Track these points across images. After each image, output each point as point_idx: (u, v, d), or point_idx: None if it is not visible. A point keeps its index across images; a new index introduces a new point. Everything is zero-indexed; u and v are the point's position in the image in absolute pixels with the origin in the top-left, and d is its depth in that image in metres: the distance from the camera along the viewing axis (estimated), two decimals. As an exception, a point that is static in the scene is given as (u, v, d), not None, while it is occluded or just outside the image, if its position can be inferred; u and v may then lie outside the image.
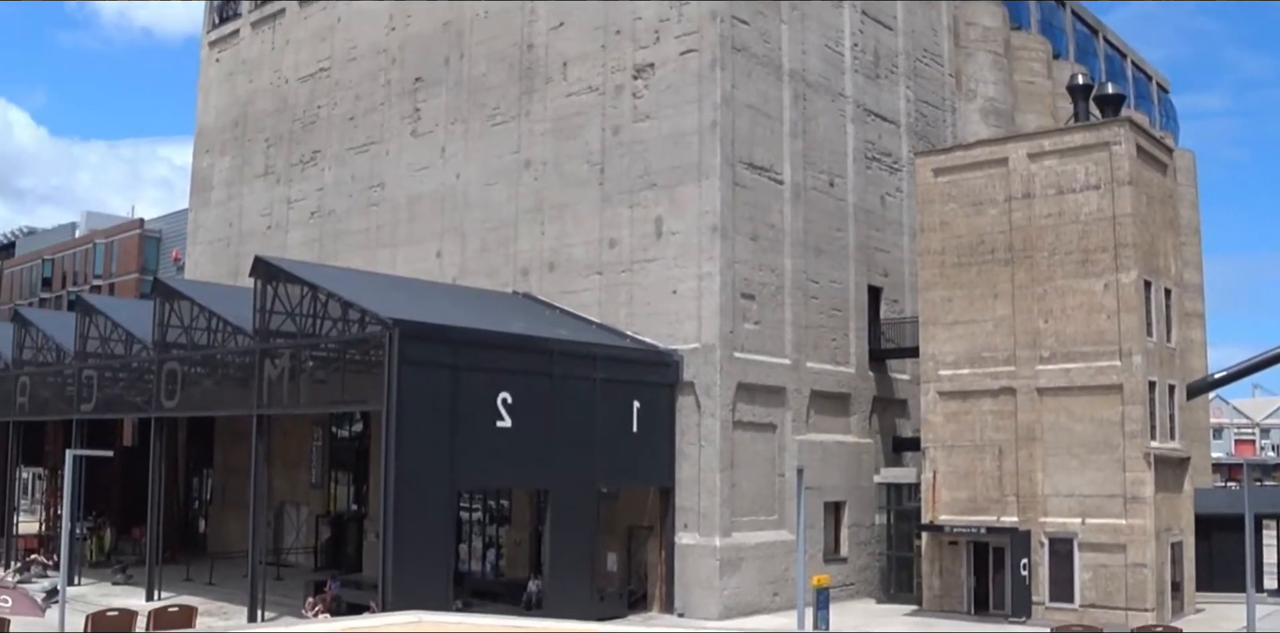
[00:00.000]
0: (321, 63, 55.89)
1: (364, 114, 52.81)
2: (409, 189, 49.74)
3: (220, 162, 61.35)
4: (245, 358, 37.48)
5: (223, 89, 62.38)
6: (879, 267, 47.17)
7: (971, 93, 54.62)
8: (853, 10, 47.42)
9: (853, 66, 46.96)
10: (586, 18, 44.51)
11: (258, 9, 61.04)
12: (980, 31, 55.40)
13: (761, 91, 42.11)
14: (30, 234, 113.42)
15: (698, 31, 41.07)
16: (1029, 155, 40.65)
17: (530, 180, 44.90)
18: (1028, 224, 40.23)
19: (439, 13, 50.30)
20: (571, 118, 44.05)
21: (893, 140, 48.91)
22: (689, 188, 40.04)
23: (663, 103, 41.41)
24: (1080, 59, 67.68)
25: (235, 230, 59.08)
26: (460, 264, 46.92)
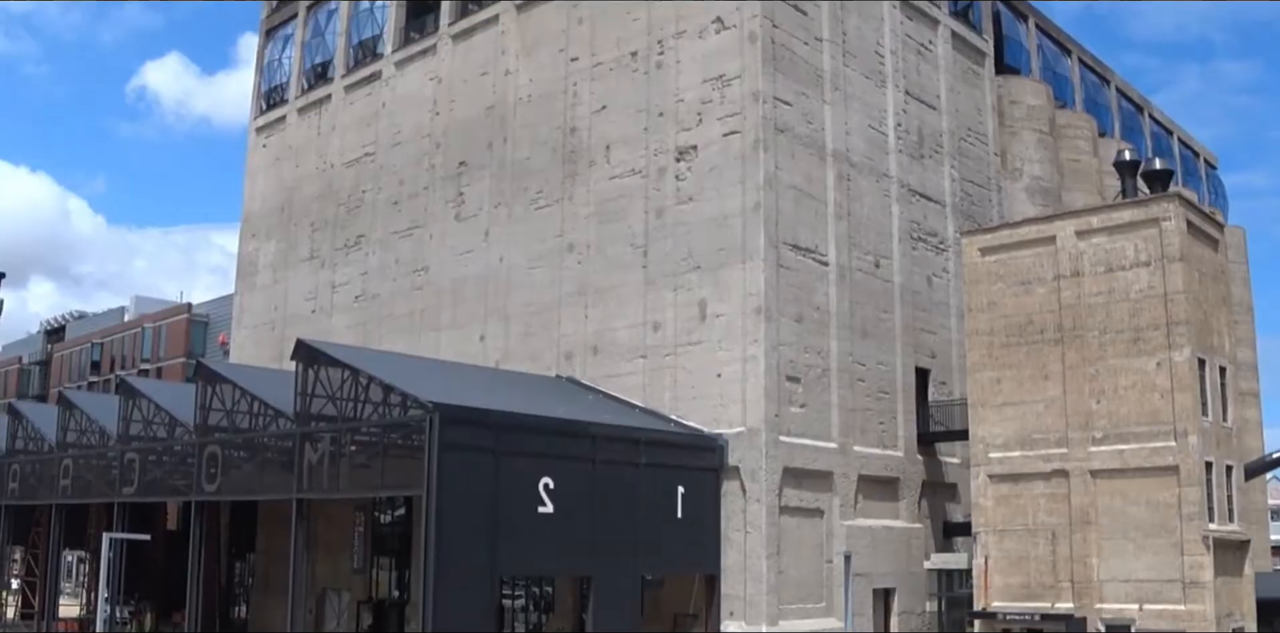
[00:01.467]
0: (366, 148, 56.26)
1: (408, 198, 53.00)
2: (453, 273, 49.71)
3: (266, 246, 61.65)
4: (286, 442, 37.24)
5: (269, 174, 62.84)
6: (926, 348, 46.63)
7: (1017, 172, 54.33)
8: (896, 90, 47.35)
9: (897, 147, 46.79)
10: (629, 100, 44.62)
11: (304, 95, 61.68)
12: (1025, 110, 55.23)
13: (805, 172, 41.94)
14: (80, 318, 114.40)
15: (740, 113, 41.03)
16: (1077, 233, 40.19)
17: (574, 264, 44.78)
18: (1077, 303, 39.68)
19: (483, 97, 50.60)
20: (615, 201, 44.00)
21: (938, 220, 48.59)
22: (733, 270, 39.77)
23: (706, 185, 41.30)
24: (1126, 136, 67.49)
25: (280, 314, 59.19)
26: (504, 348, 46.71)
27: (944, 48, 51.04)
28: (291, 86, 63.07)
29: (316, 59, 61.84)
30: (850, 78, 45.13)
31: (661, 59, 44.07)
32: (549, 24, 48.86)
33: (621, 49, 45.66)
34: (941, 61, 50.75)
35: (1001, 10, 58.78)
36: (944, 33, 51.18)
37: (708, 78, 42.42)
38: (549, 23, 48.88)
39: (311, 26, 62.98)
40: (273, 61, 65.32)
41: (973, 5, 54.17)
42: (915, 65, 49.09)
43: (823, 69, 43.89)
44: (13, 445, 53.84)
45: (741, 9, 42.05)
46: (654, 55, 44.38)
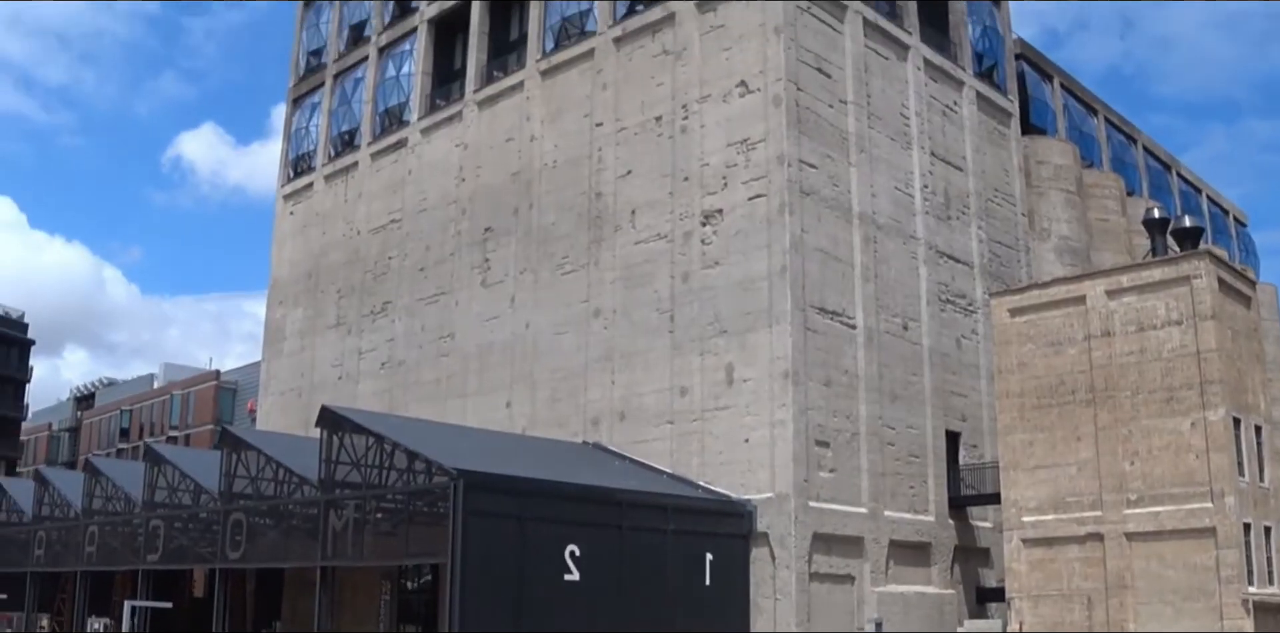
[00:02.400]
0: (393, 214, 56.42)
1: (434, 264, 53.03)
2: (479, 339, 49.61)
3: (293, 313, 61.73)
4: (311, 509, 37.04)
5: (296, 241, 63.04)
6: (956, 411, 46.19)
7: (1045, 232, 54.07)
8: (921, 152, 47.28)
9: (923, 208, 46.64)
10: (654, 165, 44.65)
11: (331, 162, 61.97)
12: (1051, 170, 55.07)
13: (831, 235, 41.79)
14: (110, 385, 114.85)
15: (766, 176, 40.98)
16: (1107, 292, 39.80)
17: (600, 329, 44.63)
18: (1108, 363, 39.22)
19: (508, 163, 50.73)
20: (640, 265, 43.90)
21: (966, 282, 48.31)
22: (760, 334, 39.53)
23: (732, 249, 41.17)
24: (1154, 195, 67.20)
25: (307, 381, 59.13)
26: (530, 414, 46.47)
27: (969, 109, 51.01)
28: (319, 154, 63.40)
29: (343, 127, 62.18)
30: (875, 140, 45.10)
31: (686, 123, 44.14)
32: (573, 90, 49.07)
33: (646, 114, 45.79)
34: (967, 122, 50.70)
35: (1026, 70, 58.81)
36: (969, 94, 51.17)
37: (732, 141, 42.46)
38: (573, 89, 49.10)
39: (338, 95, 63.40)
40: (300, 130, 65.74)
41: (997, 66, 54.17)
42: (941, 126, 49.04)
43: (848, 131, 43.88)
44: (39, 512, 53.83)
45: (765, 73, 42.14)
46: (678, 120, 44.46)
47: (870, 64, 45.89)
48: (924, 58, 48.89)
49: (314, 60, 66.76)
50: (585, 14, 49.99)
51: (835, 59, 44.39)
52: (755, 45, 42.87)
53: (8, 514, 56.97)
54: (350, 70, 63.18)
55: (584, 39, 49.53)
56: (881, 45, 46.84)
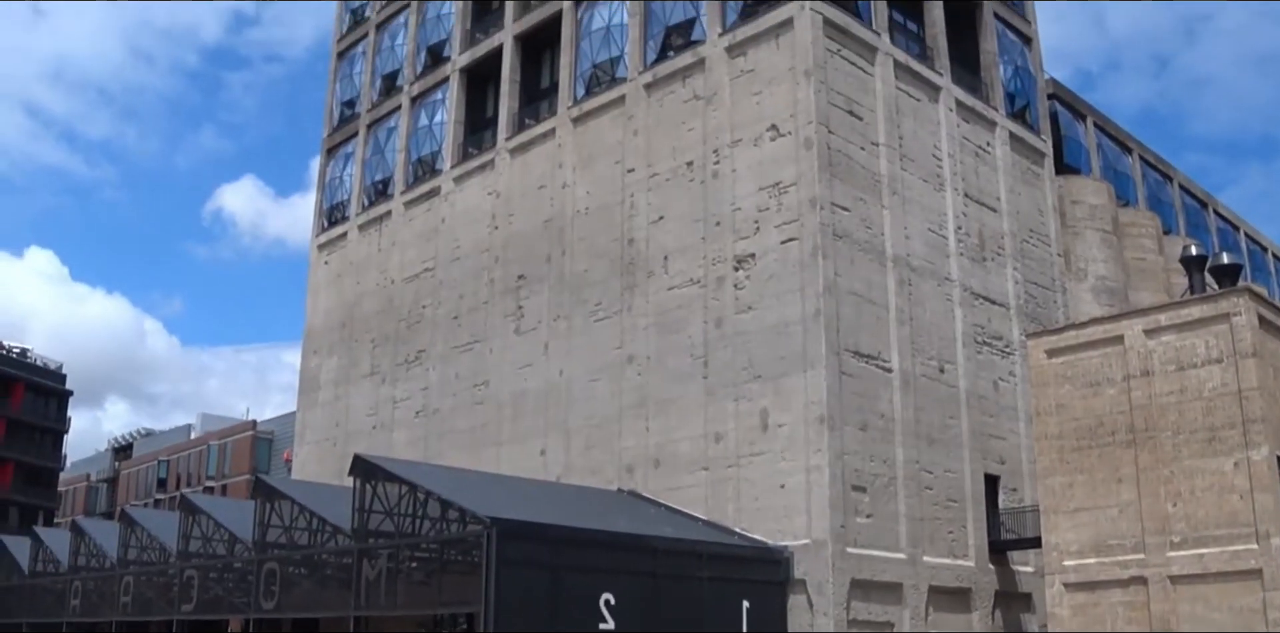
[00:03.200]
0: (426, 263, 56.49)
1: (468, 313, 53.01)
2: (512, 387, 49.47)
3: (328, 362, 61.78)
4: (344, 558, 36.83)
5: (331, 291, 63.19)
6: (995, 454, 45.69)
7: (1081, 272, 53.66)
8: (955, 193, 47.05)
9: (958, 250, 46.36)
10: (686, 210, 44.56)
11: (365, 212, 62.21)
12: (1087, 209, 54.72)
13: (865, 278, 41.54)
14: (148, 436, 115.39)
15: (798, 220, 40.81)
16: (1145, 331, 39.26)
17: (634, 376, 44.42)
18: (1148, 403, 38.65)
19: (541, 211, 50.77)
20: (673, 311, 43.73)
21: (1003, 323, 47.92)
22: (794, 379, 39.24)
23: (765, 293, 40.97)
24: (1192, 233, 66.70)
25: (342, 430, 59.07)
26: (564, 462, 46.23)
27: (1002, 149, 50.80)
28: (352, 203, 63.66)
29: (377, 176, 62.46)
30: (908, 182, 44.92)
31: (717, 168, 44.07)
32: (605, 136, 49.12)
33: (677, 159, 45.76)
34: (1000, 163, 50.47)
35: (1059, 110, 58.60)
36: (1001, 134, 50.97)
37: (764, 185, 42.33)
38: (605, 135, 49.15)
39: (371, 144, 63.72)
40: (334, 179, 66.06)
41: (1030, 106, 53.99)
42: (974, 167, 48.83)
43: (880, 174, 43.71)
44: (75, 562, 53.82)
45: (796, 116, 42.06)
46: (710, 164, 44.40)
47: (902, 106, 45.78)
48: (956, 99, 48.77)
49: (347, 110, 67.16)
50: (616, 61, 50.13)
51: (866, 101, 44.30)
52: (785, 89, 42.82)
53: (44, 565, 56.95)
54: (383, 120, 63.50)
55: (615, 85, 49.64)
56: (913, 87, 46.74)
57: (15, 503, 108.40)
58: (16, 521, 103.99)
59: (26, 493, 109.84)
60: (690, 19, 47.63)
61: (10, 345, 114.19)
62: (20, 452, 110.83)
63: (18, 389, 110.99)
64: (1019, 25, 55.29)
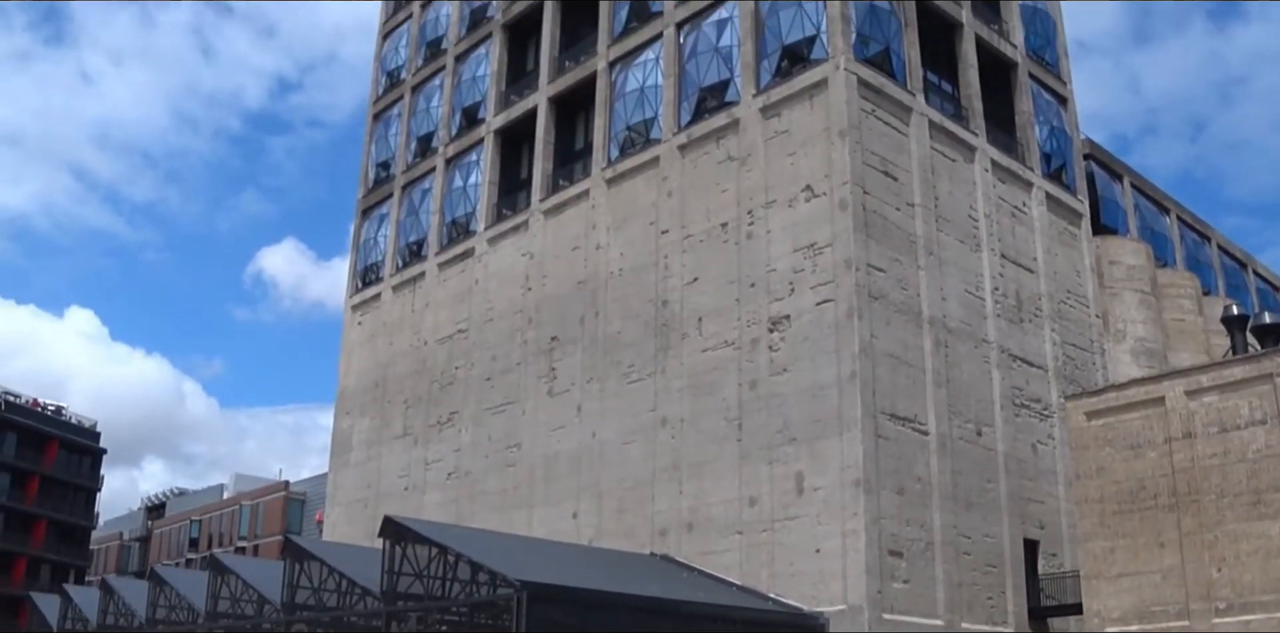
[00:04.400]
0: (460, 324, 56.38)
1: (501, 374, 52.78)
2: (545, 449, 49.11)
3: (360, 423, 61.57)
4: (373, 621, 36.54)
5: (364, 351, 63.13)
6: (1034, 519, 44.99)
7: (1120, 333, 53.10)
8: (991, 254, 46.70)
9: (994, 311, 45.93)
10: (720, 272, 44.33)
11: (399, 273, 62.26)
12: (1124, 270, 54.22)
13: (901, 339, 41.14)
14: (181, 495, 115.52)
15: (833, 281, 40.50)
16: (1186, 393, 38.65)
17: (667, 438, 44.01)
18: (1191, 466, 37.97)
19: (574, 272, 50.63)
20: (708, 373, 43.37)
21: (1041, 386, 47.36)
22: (830, 442, 38.77)
23: (800, 355, 40.59)
24: (1231, 293, 66.05)
25: (373, 492, 58.75)
26: (597, 525, 45.75)
27: (1039, 210, 50.47)
28: (387, 265, 63.75)
29: (411, 237, 62.56)
30: (944, 242, 44.60)
31: (752, 229, 43.88)
32: (639, 197, 49.05)
33: (712, 220, 45.61)
34: (1037, 223, 50.13)
35: (1095, 170, 58.29)
36: (1038, 195, 50.67)
37: (799, 246, 42.09)
38: (639, 196, 49.08)
39: (406, 206, 63.87)
40: (369, 241, 66.20)
41: (1066, 166, 53.70)
42: (1010, 228, 48.50)
43: (916, 234, 43.42)
44: (103, 621, 53.70)
45: (831, 176, 41.89)
46: (744, 226, 44.22)
47: (937, 166, 45.57)
48: (991, 159, 48.54)
49: (382, 172, 67.44)
50: (650, 122, 50.15)
51: (901, 161, 44.11)
52: (820, 149, 42.69)
53: (72, 623, 56.92)
54: (418, 181, 63.71)
55: (649, 147, 49.63)
56: (948, 147, 46.55)
57: (47, 561, 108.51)
58: (48, 578, 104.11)
59: (58, 551, 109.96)
60: (724, 80, 47.66)
61: (45, 403, 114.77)
62: (53, 509, 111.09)
63: (52, 447, 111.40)
64: (1054, 85, 55.14)
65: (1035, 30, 55.06)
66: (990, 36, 51.70)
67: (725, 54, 47.92)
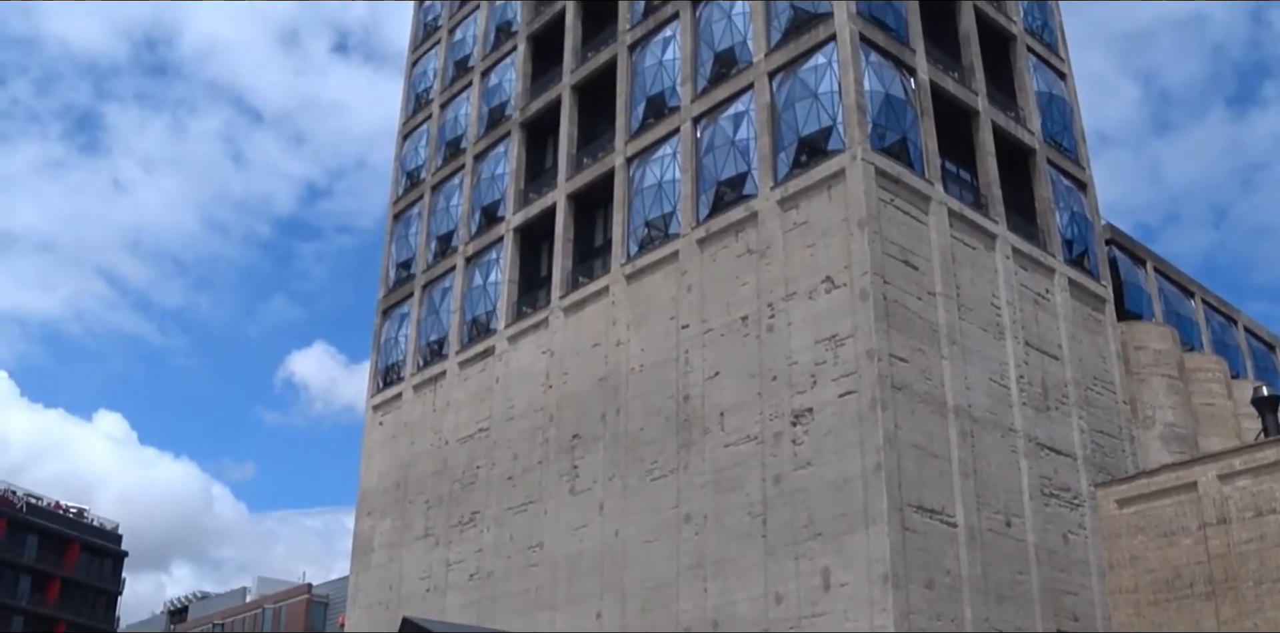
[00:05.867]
0: (480, 423, 55.96)
1: (522, 473, 52.23)
2: (568, 549, 48.38)
3: (381, 524, 60.94)
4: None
5: (385, 452, 62.69)
6: (1067, 611, 43.97)
7: (1149, 419, 52.38)
8: (1015, 342, 46.20)
9: (1020, 400, 45.33)
10: (741, 366, 43.94)
11: (419, 372, 62.01)
12: (1151, 355, 53.61)
13: (926, 430, 40.55)
14: (204, 598, 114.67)
15: (856, 373, 40.05)
16: (1219, 477, 37.96)
17: (691, 536, 43.31)
18: (1227, 552, 37.17)
19: (595, 369, 50.29)
20: (730, 469, 42.79)
21: (1070, 474, 46.58)
22: (856, 536, 38.05)
23: (824, 448, 40.02)
24: (1260, 376, 65.36)
25: (395, 594, 57.93)
26: (621, 625, 44.87)
27: (1062, 296, 50.06)
28: (407, 364, 63.54)
29: (431, 336, 62.40)
30: (967, 331, 44.17)
31: (772, 322, 43.56)
32: (659, 293, 48.84)
33: (732, 314, 45.31)
34: (1060, 310, 49.68)
35: (1118, 255, 57.98)
36: (1060, 281, 50.27)
37: (820, 338, 41.70)
38: (659, 292, 48.87)
39: (426, 305, 63.83)
40: (389, 340, 66.10)
41: (1088, 252, 53.37)
42: (1033, 315, 48.07)
43: (938, 324, 43.01)
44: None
45: (851, 267, 41.63)
46: (765, 319, 43.91)
47: (958, 254, 45.30)
48: (1012, 246, 48.26)
49: (403, 272, 67.52)
50: (668, 217, 50.12)
51: (921, 250, 43.86)
52: (839, 240, 42.48)
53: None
54: (438, 280, 63.72)
55: (667, 241, 49.53)
56: (968, 235, 46.31)
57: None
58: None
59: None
60: (742, 173, 47.66)
61: (68, 505, 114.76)
62: (74, 612, 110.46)
63: (73, 549, 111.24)
64: (1073, 171, 55.00)
65: (1052, 116, 55.06)
66: (1007, 123, 51.70)
67: (742, 147, 47.99)
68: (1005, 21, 55.24)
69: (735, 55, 50.24)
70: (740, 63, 49.84)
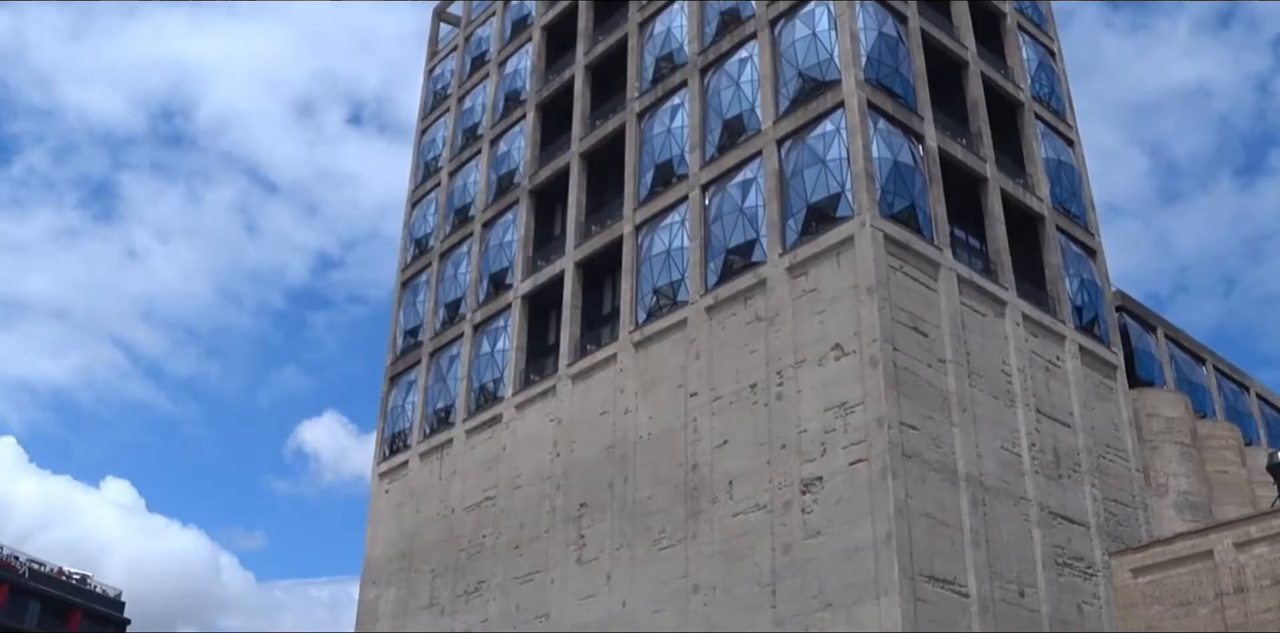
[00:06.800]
0: (487, 491, 55.50)
1: (529, 542, 51.66)
2: (574, 618, 47.72)
3: (386, 593, 60.29)
4: None
5: (391, 520, 62.17)
6: (1084, 682, 43.38)
7: (1162, 487, 51.86)
8: (1026, 409, 45.85)
9: (1032, 468, 44.87)
10: (750, 434, 43.58)
11: (426, 440, 61.66)
12: (1164, 422, 53.17)
13: (937, 499, 40.11)
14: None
15: (865, 440, 39.68)
16: (1235, 545, 37.42)
17: (699, 606, 42.72)
18: (1245, 621, 36.54)
19: (602, 437, 49.93)
20: (739, 538, 42.29)
21: (1083, 543, 46.02)
22: (867, 606, 37.49)
23: (834, 517, 39.55)
24: (1273, 443, 64.87)
25: (401, 666, 57.29)
26: (630, 697, 44.29)
27: (1073, 363, 49.74)
28: (414, 432, 63.17)
29: (438, 404, 62.10)
30: (978, 398, 43.83)
31: (781, 390, 43.24)
32: (667, 360, 48.58)
33: (740, 382, 45.01)
34: (1071, 377, 49.33)
35: (1128, 322, 57.71)
36: (1071, 348, 49.98)
37: (829, 406, 41.37)
38: (667, 359, 48.61)
39: (434, 372, 63.59)
40: (396, 408, 65.80)
41: (1098, 319, 53.10)
42: (1044, 382, 47.72)
43: (948, 391, 42.69)
44: None
45: (860, 334, 41.38)
46: (773, 386, 43.60)
47: (968, 321, 45.06)
48: (1022, 313, 48.03)
49: (410, 339, 67.36)
50: (677, 284, 49.97)
51: (931, 317, 43.63)
52: (848, 307, 42.27)
53: None
54: (446, 348, 63.52)
55: (676, 309, 49.34)
56: (978, 302, 46.10)
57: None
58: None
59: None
60: (750, 240, 47.55)
61: (71, 571, 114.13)
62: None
63: (75, 616, 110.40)
64: (1082, 237, 54.88)
65: (1060, 183, 55.03)
66: (1016, 190, 51.65)
67: (751, 214, 47.93)
68: (1013, 88, 55.42)
69: (744, 122, 50.34)
70: (748, 130, 49.91)
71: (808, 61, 48.46)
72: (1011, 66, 56.46)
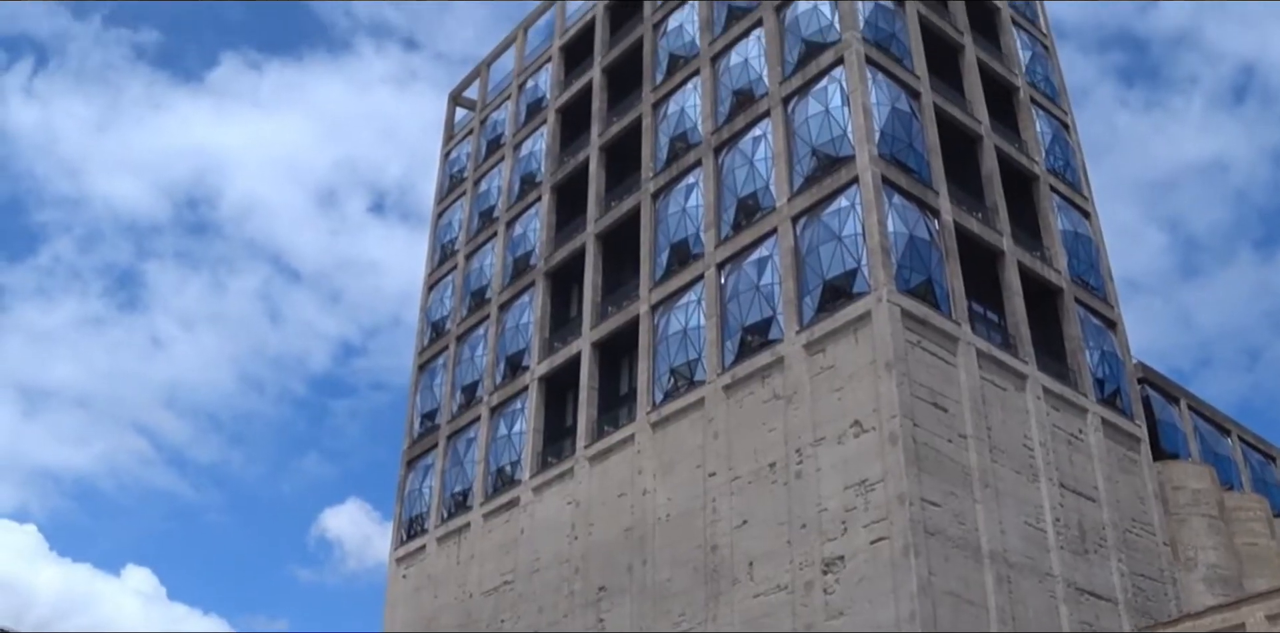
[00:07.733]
0: (505, 575, 54.82)
1: (548, 627, 50.86)
2: (597, 706, 46.99)
3: (407, 682, 59.50)
4: None
5: (408, 605, 61.44)
6: None
7: (1191, 561, 50.98)
8: (1050, 484, 45.16)
9: (1057, 543, 44.12)
10: (770, 513, 42.98)
11: (443, 524, 61.09)
12: (1190, 495, 52.39)
13: (961, 576, 39.39)
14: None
15: (887, 518, 39.06)
16: (1268, 618, 36.43)
17: (722, 690, 41.96)
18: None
19: (621, 519, 49.34)
20: (760, 620, 41.54)
21: (1111, 619, 45.11)
22: (893, 688, 36.75)
23: (856, 597, 38.85)
24: (1303, 515, 63.96)
25: (420, 750, 56.33)
26: None
27: (1095, 436, 49.11)
28: (431, 516, 62.61)
29: (455, 488, 61.59)
30: (1000, 474, 43.21)
31: (800, 468, 42.70)
32: (684, 440, 48.11)
33: (759, 461, 44.49)
34: (1095, 451, 48.69)
35: (1151, 394, 57.12)
36: (1094, 421, 49.38)
37: (850, 484, 40.79)
38: (685, 439, 48.14)
39: (451, 456, 63.17)
40: (413, 492, 65.32)
41: (1120, 391, 52.52)
42: (1067, 456, 47.09)
43: (970, 466, 42.09)
44: None
45: (879, 411, 40.90)
46: (793, 465, 43.07)
47: (988, 396, 44.56)
48: (1043, 386, 47.49)
49: (427, 422, 67.03)
50: (694, 363, 49.62)
51: (951, 392, 43.15)
52: (867, 383, 41.83)
53: None
54: (462, 431, 63.14)
55: (693, 388, 48.94)
56: (998, 376, 45.62)
57: None
58: None
59: None
60: (767, 318, 47.24)
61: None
62: None
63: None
64: (1101, 309, 54.47)
65: (1078, 255, 54.70)
66: (1033, 263, 51.35)
67: (767, 292, 47.65)
68: (1027, 162, 55.31)
69: (758, 200, 50.23)
70: (763, 208, 49.79)
71: (821, 138, 48.43)
72: (1026, 140, 56.40)
